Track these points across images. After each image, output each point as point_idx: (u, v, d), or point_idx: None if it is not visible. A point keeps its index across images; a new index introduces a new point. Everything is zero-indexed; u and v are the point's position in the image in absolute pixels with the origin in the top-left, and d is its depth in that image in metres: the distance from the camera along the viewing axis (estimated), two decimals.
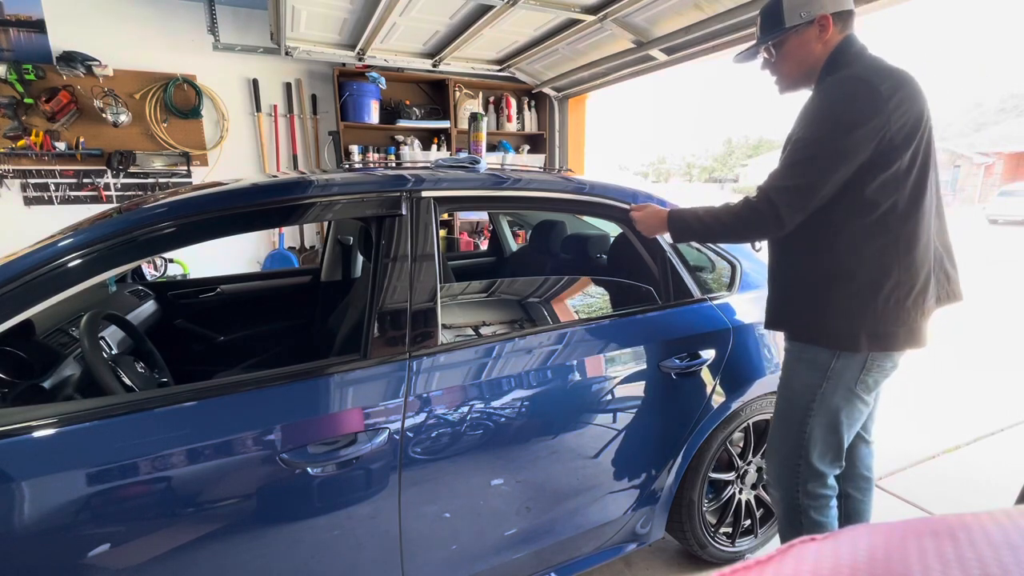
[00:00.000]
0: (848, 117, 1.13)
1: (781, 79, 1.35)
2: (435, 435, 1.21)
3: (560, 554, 1.48)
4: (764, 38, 1.32)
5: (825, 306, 1.24)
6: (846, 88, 1.15)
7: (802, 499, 1.35)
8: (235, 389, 1.08)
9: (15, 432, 0.93)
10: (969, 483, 2.33)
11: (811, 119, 1.20)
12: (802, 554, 0.29)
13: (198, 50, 3.72)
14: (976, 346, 4.27)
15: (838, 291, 1.22)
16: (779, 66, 1.33)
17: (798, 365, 1.33)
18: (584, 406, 1.42)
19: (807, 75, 1.29)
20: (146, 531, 0.99)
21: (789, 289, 1.33)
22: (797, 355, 1.34)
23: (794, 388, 1.34)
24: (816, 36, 1.24)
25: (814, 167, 1.16)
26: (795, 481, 1.35)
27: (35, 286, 1.00)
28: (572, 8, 2.79)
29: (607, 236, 2.18)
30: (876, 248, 1.19)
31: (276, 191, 1.23)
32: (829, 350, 1.26)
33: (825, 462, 1.33)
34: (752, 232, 1.28)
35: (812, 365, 1.29)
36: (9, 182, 3.40)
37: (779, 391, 1.41)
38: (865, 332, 1.20)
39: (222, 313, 2.34)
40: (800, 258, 1.29)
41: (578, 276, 1.69)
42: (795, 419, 1.34)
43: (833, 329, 1.24)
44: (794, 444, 1.34)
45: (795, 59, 1.28)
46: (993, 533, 0.27)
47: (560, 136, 4.68)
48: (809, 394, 1.30)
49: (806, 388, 1.31)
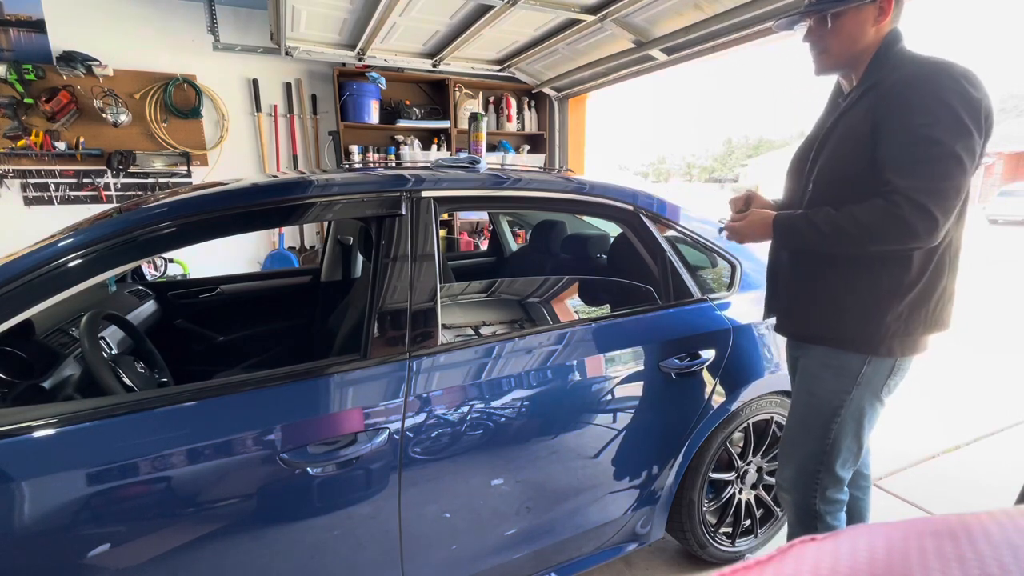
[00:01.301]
0: (970, 114, 1.04)
1: (826, 56, 1.21)
2: (435, 435, 1.21)
3: (560, 554, 1.48)
4: (824, 5, 1.16)
5: (869, 313, 1.18)
6: (957, 81, 1.05)
7: (819, 505, 1.33)
8: (235, 389, 1.08)
9: (15, 432, 0.93)
10: (969, 483, 2.33)
11: (926, 113, 1.05)
12: (802, 554, 0.29)
13: (198, 50, 3.72)
14: (976, 346, 4.27)
15: (891, 299, 1.16)
16: (829, 41, 1.19)
17: (824, 371, 1.28)
18: (584, 406, 1.42)
19: (853, 59, 1.19)
20: (146, 531, 0.99)
21: (821, 294, 1.26)
22: (822, 360, 1.28)
23: (818, 395, 1.29)
24: (873, 19, 1.14)
25: (960, 167, 1.05)
26: (813, 487, 1.32)
27: (35, 286, 1.00)
28: (572, 8, 2.79)
29: (607, 236, 2.18)
30: (936, 255, 1.15)
31: (276, 191, 1.23)
32: (860, 355, 1.21)
33: (846, 468, 1.31)
34: (892, 243, 1.09)
35: (841, 371, 1.24)
36: (9, 182, 3.40)
37: (798, 396, 1.36)
38: (899, 337, 1.18)
39: (222, 313, 2.34)
40: (844, 264, 1.21)
41: (578, 276, 1.69)
42: (818, 426, 1.29)
43: (871, 335, 1.19)
44: (815, 451, 1.31)
45: (848, 37, 1.16)
46: (993, 533, 0.27)
47: (560, 136, 4.68)
48: (837, 401, 1.25)
49: (833, 395, 1.26)
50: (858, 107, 1.17)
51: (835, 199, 1.17)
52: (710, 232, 1.75)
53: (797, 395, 1.37)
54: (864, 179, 1.14)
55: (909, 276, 1.15)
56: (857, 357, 1.22)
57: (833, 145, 1.21)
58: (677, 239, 1.70)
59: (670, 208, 1.69)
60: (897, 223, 1.06)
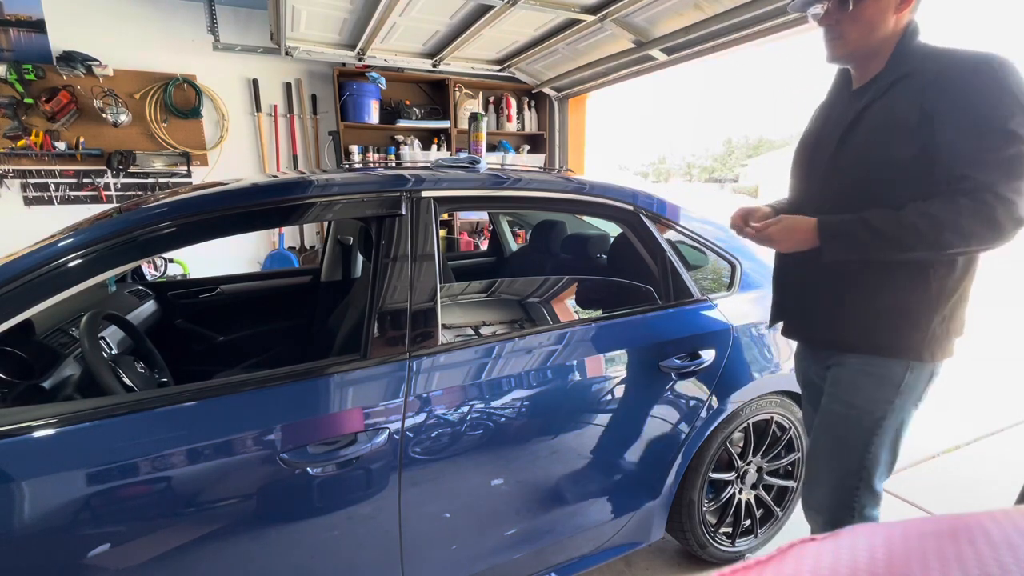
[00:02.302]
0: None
1: (842, 42, 1.14)
2: (435, 435, 1.21)
3: (560, 554, 1.48)
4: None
5: (915, 317, 1.11)
6: (1013, 71, 1.00)
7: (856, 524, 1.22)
8: (235, 389, 1.08)
9: (15, 432, 0.93)
10: (969, 483, 2.33)
11: (997, 104, 0.98)
12: (802, 554, 0.29)
13: (198, 50, 3.72)
14: (976, 346, 4.27)
15: (938, 301, 1.10)
16: (847, 26, 1.12)
17: (864, 380, 1.18)
18: (584, 406, 1.42)
19: (870, 49, 1.12)
20: (146, 531, 0.99)
21: (855, 298, 1.17)
22: (861, 369, 1.18)
23: (858, 406, 1.19)
24: (894, 7, 1.08)
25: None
26: (851, 507, 1.23)
27: (35, 286, 1.00)
28: (572, 8, 2.79)
29: (607, 236, 2.18)
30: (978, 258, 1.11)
31: (276, 191, 1.23)
32: (903, 361, 1.14)
33: (882, 482, 1.23)
34: (976, 245, 1.00)
35: (883, 379, 1.16)
36: (9, 182, 3.40)
37: (832, 409, 1.24)
38: (939, 341, 1.12)
39: (222, 313, 2.34)
40: (879, 266, 1.12)
41: (578, 276, 1.69)
42: (859, 440, 1.19)
43: (916, 340, 1.12)
44: (854, 467, 1.21)
45: (867, 24, 1.10)
46: (993, 533, 0.27)
47: (560, 136, 4.68)
48: (879, 412, 1.17)
49: (875, 405, 1.17)
50: (892, 96, 1.09)
51: (870, 193, 1.10)
52: (710, 232, 1.74)
53: (830, 408, 1.24)
54: (910, 171, 1.06)
55: (954, 276, 1.10)
56: (900, 363, 1.14)
57: (864, 136, 1.12)
58: (677, 239, 1.70)
59: (670, 208, 1.69)
60: (988, 223, 0.97)
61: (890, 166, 1.09)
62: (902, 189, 1.07)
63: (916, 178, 1.06)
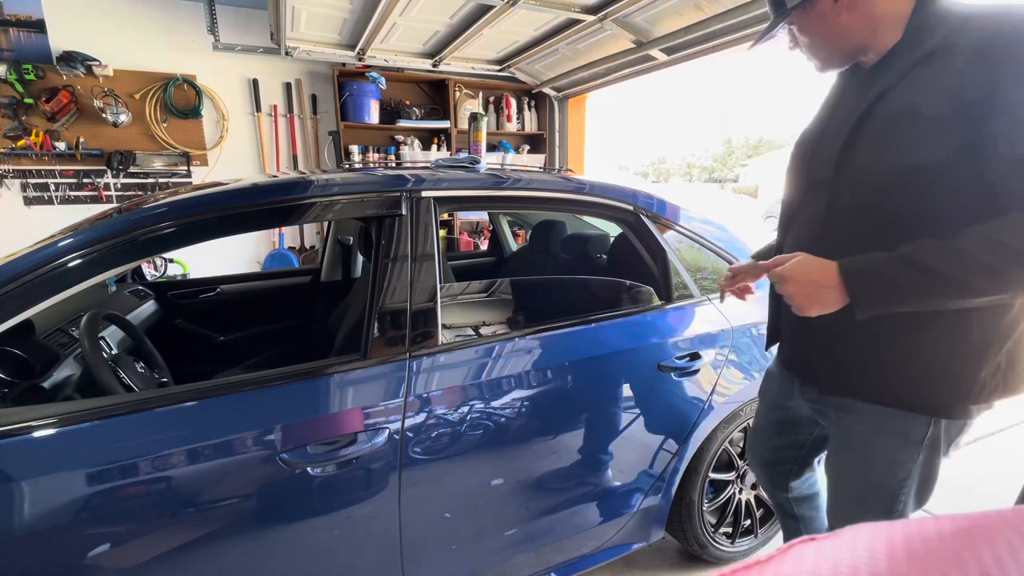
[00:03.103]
0: None
1: (852, 27, 0.92)
2: (435, 435, 1.21)
3: (560, 554, 1.48)
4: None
5: (957, 371, 0.89)
6: None
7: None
8: (235, 389, 1.08)
9: (15, 432, 0.93)
10: (969, 483, 2.33)
11: None
12: (802, 554, 0.29)
13: (198, 50, 3.71)
14: None
15: (986, 349, 0.88)
16: (814, 32, 0.95)
17: (879, 437, 0.98)
18: (584, 406, 1.42)
19: (865, 38, 0.92)
20: (146, 531, 0.99)
21: (878, 345, 0.94)
22: (876, 425, 0.98)
23: (876, 468, 1.00)
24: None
25: None
26: None
27: (35, 286, 1.00)
28: (572, 8, 2.79)
29: (607, 236, 2.18)
30: None
31: (276, 191, 1.23)
32: (925, 417, 0.93)
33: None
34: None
35: (903, 438, 0.96)
36: (9, 182, 3.40)
37: (846, 466, 1.06)
38: (985, 397, 0.91)
39: (222, 313, 2.34)
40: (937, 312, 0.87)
41: (578, 276, 1.69)
42: (881, 503, 1.01)
43: (953, 396, 0.90)
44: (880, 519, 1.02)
45: (864, 16, 0.90)
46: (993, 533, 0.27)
47: (560, 136, 4.68)
48: (902, 473, 0.97)
49: (897, 466, 0.98)
50: (915, 80, 0.85)
51: (890, 200, 0.88)
52: (710, 232, 1.75)
53: (843, 464, 1.07)
54: (948, 171, 0.82)
55: (1008, 317, 0.86)
56: (921, 419, 0.93)
57: (881, 130, 0.88)
58: (677, 239, 1.69)
59: (670, 208, 1.69)
60: None
61: (912, 175, 0.85)
62: (934, 205, 0.84)
63: (952, 189, 0.82)
